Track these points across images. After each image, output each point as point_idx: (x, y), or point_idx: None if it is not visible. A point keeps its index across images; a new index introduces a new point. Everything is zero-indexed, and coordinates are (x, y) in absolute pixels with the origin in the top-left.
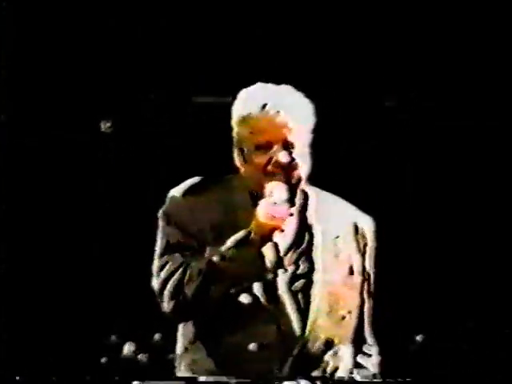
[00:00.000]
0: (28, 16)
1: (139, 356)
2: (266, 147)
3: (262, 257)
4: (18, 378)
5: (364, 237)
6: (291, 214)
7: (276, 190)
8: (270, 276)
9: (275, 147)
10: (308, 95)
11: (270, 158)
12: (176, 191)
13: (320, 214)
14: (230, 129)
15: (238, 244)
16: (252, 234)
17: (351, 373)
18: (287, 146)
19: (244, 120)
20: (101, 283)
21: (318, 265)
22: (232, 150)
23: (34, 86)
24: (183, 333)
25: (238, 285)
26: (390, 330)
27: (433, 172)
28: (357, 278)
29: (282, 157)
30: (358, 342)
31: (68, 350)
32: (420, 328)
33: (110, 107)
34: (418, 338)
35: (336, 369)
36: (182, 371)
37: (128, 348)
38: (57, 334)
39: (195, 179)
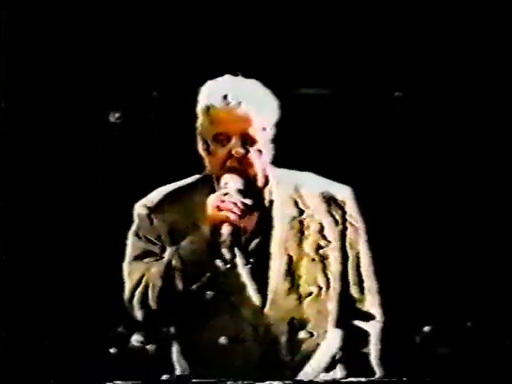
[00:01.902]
0: (26, 14)
1: (147, 347)
2: (223, 139)
3: (213, 249)
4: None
5: (341, 208)
6: (245, 206)
7: (230, 181)
8: (224, 267)
9: (233, 140)
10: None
11: (229, 153)
12: (141, 208)
13: (281, 195)
14: None
15: (190, 240)
16: (202, 228)
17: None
18: (245, 140)
19: (206, 110)
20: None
21: (275, 243)
22: None
23: (32, 84)
24: None
25: (196, 280)
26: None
27: (432, 177)
28: (332, 251)
29: (239, 151)
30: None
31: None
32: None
33: (109, 107)
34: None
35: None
36: None
37: (135, 339)
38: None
39: (164, 189)
